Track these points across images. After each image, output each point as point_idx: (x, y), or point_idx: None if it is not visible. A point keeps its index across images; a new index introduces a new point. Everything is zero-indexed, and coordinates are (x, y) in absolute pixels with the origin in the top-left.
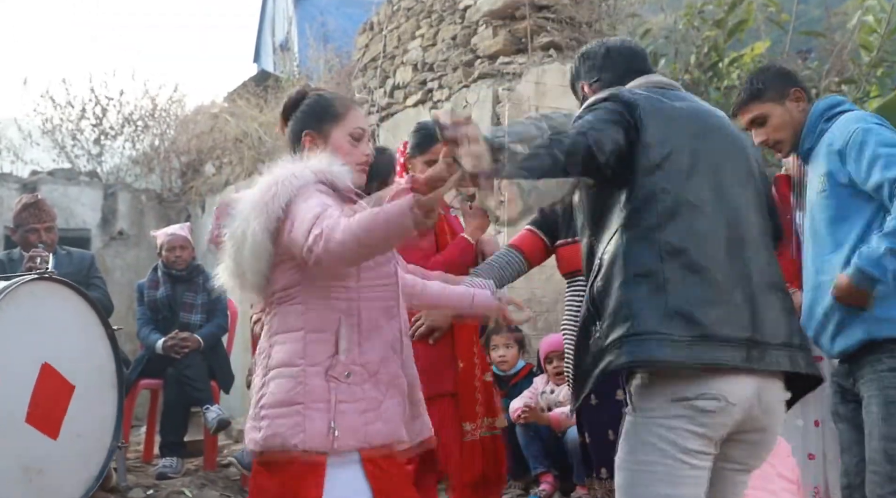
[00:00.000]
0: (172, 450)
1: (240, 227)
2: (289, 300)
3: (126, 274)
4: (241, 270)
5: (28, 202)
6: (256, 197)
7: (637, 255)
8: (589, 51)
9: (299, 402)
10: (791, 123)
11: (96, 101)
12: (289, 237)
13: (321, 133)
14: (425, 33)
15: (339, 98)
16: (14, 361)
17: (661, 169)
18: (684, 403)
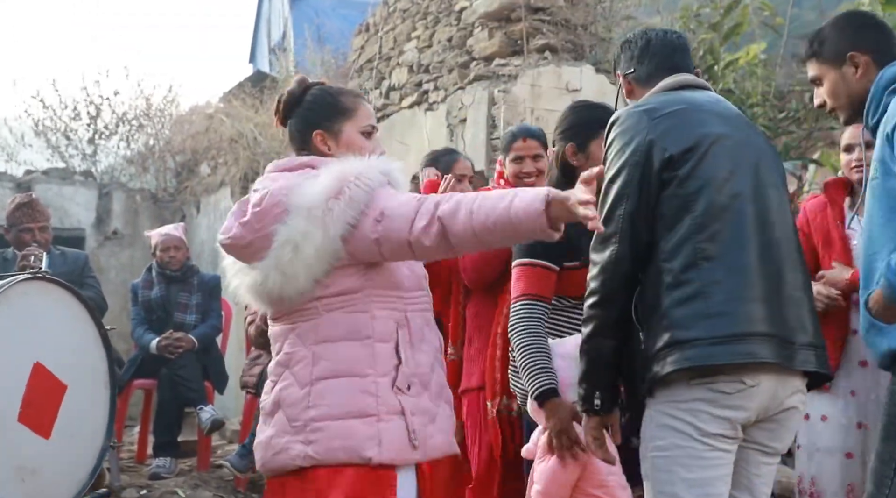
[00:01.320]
0: (166, 450)
1: (299, 230)
2: (347, 306)
3: (120, 274)
4: (291, 272)
5: (22, 201)
6: (319, 198)
7: (674, 262)
8: (631, 39)
9: (372, 413)
10: (846, 92)
11: (90, 100)
12: (379, 234)
13: (332, 131)
14: (421, 35)
15: (345, 92)
16: (6, 360)
17: (692, 178)
18: (704, 386)
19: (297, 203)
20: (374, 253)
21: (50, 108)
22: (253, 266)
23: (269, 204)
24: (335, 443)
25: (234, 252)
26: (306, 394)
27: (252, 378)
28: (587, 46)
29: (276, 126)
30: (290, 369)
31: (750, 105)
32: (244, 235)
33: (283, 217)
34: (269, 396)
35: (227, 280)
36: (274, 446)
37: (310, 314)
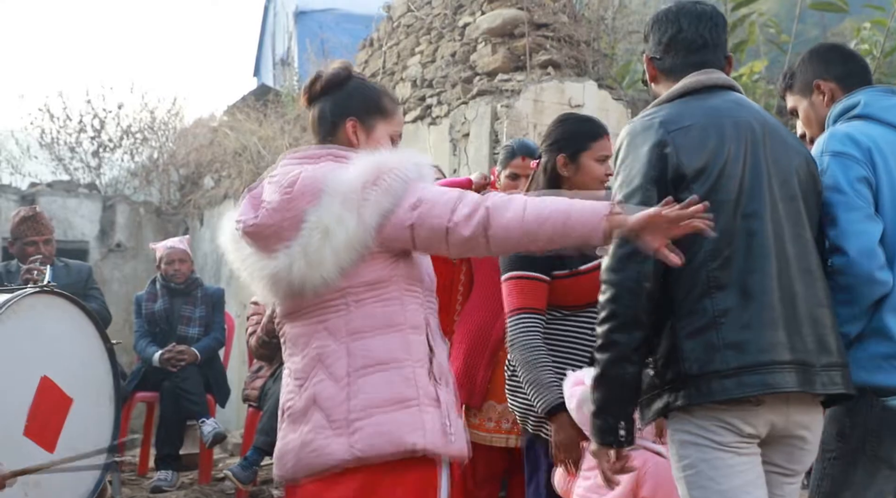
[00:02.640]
0: (168, 463)
1: (332, 214)
2: (378, 296)
3: (123, 286)
4: (318, 259)
5: (26, 215)
6: (355, 185)
7: (686, 290)
8: (662, 20)
9: (413, 401)
10: (816, 119)
11: (94, 113)
12: (415, 219)
13: (365, 124)
14: (424, 50)
15: (387, 94)
16: (14, 373)
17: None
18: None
19: (332, 188)
20: (406, 240)
21: (56, 121)
22: (274, 255)
23: (301, 188)
24: (379, 436)
25: (257, 239)
26: (344, 388)
27: (254, 391)
28: (590, 62)
29: (303, 105)
30: (322, 365)
31: None
32: (272, 220)
33: (315, 201)
34: (296, 397)
35: (235, 270)
36: (312, 446)
37: (338, 308)
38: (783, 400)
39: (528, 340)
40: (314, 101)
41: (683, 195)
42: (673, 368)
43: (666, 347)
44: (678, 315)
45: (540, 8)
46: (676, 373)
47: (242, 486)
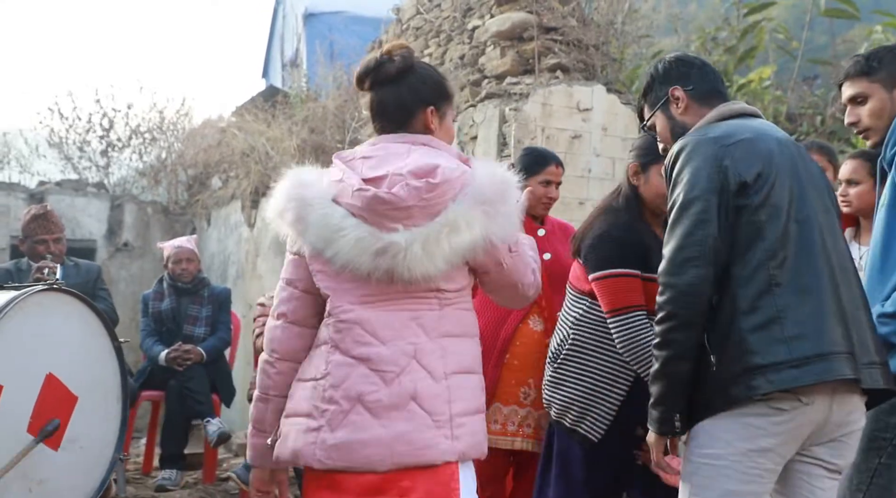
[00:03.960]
0: (172, 462)
1: (465, 216)
2: (460, 304)
3: (130, 285)
4: (433, 251)
5: (37, 213)
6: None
7: (748, 289)
8: (684, 58)
9: (483, 407)
10: (890, 114)
11: (104, 113)
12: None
13: (440, 110)
14: (433, 52)
15: (446, 78)
16: (20, 370)
17: (764, 206)
18: (763, 403)
19: (473, 190)
20: (487, 269)
21: (65, 120)
22: (390, 228)
23: (444, 178)
24: (472, 439)
25: (381, 207)
26: (445, 388)
27: None
28: (599, 66)
29: (360, 88)
30: (418, 361)
31: None
32: (408, 199)
33: (454, 197)
34: (385, 387)
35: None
36: (415, 442)
37: (431, 304)
38: (829, 394)
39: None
40: (381, 86)
41: (743, 201)
42: (739, 362)
43: (730, 344)
44: (741, 312)
45: (549, 12)
46: (743, 366)
47: (246, 487)
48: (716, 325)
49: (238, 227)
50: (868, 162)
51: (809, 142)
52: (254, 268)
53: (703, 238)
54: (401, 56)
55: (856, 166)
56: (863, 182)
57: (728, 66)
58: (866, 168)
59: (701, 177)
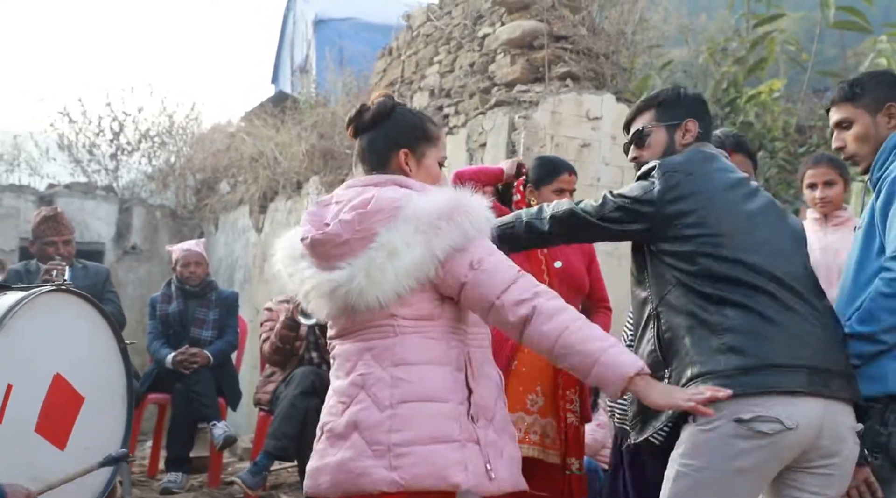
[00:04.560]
0: (178, 465)
1: (403, 237)
2: (423, 332)
3: (138, 288)
4: (379, 278)
5: (47, 215)
6: (431, 215)
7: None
8: (689, 94)
9: (456, 439)
10: (875, 138)
11: (114, 117)
12: (469, 279)
13: (416, 153)
14: (443, 60)
15: (430, 119)
16: (28, 370)
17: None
18: (743, 424)
19: (408, 212)
20: (454, 291)
21: (74, 124)
22: (335, 267)
23: (375, 207)
24: (422, 469)
25: (321, 249)
26: (388, 417)
27: (266, 395)
28: (608, 75)
29: (349, 137)
30: (366, 391)
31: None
32: (342, 233)
33: (388, 222)
34: (337, 417)
35: (283, 282)
36: (353, 470)
37: (385, 333)
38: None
39: None
40: (362, 132)
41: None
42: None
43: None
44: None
45: (560, 20)
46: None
47: (251, 492)
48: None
49: (246, 231)
50: (838, 165)
51: (820, 154)
52: (261, 272)
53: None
54: (377, 103)
55: (828, 169)
56: (837, 183)
57: (738, 77)
58: (837, 170)
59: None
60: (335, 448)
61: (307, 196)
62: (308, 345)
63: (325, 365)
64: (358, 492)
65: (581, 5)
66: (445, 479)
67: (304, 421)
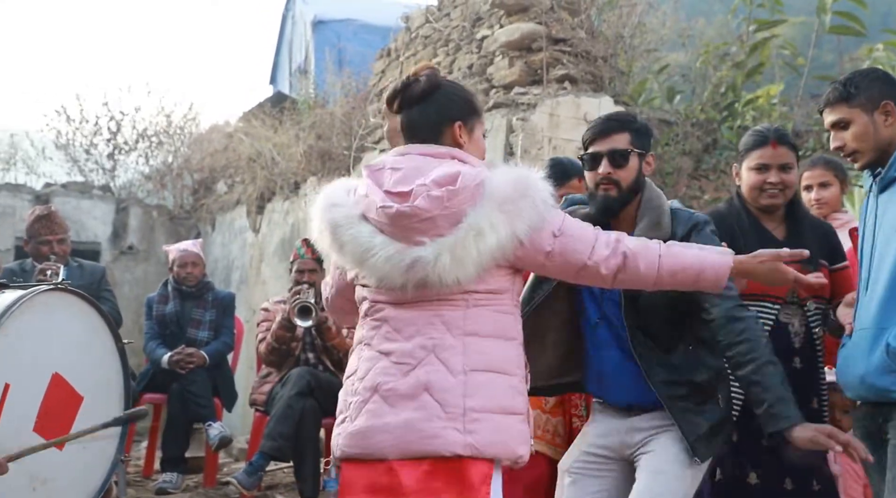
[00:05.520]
0: (173, 465)
1: (488, 218)
2: (494, 304)
3: (134, 289)
4: (463, 257)
5: (41, 214)
6: (511, 194)
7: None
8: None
9: (522, 412)
10: (873, 137)
11: (111, 116)
12: (554, 247)
13: (468, 125)
14: (442, 61)
15: (475, 93)
16: (26, 369)
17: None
18: None
19: (490, 192)
20: (537, 263)
21: (71, 123)
22: (419, 243)
23: (463, 184)
24: (496, 436)
25: (404, 221)
26: (461, 382)
27: (262, 396)
28: (606, 78)
29: (390, 110)
30: (436, 355)
31: None
32: (431, 209)
33: (474, 202)
34: (398, 378)
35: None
36: (422, 430)
37: (457, 304)
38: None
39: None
40: (409, 106)
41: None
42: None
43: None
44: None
45: (558, 23)
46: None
47: (247, 492)
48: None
49: (243, 232)
50: (834, 166)
51: (817, 157)
52: (258, 273)
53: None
54: (426, 76)
55: (824, 171)
56: (833, 184)
57: (736, 81)
58: (832, 172)
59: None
60: (398, 408)
61: (305, 197)
62: (304, 345)
63: (320, 365)
64: (428, 453)
65: (580, 8)
66: (513, 450)
67: (299, 422)
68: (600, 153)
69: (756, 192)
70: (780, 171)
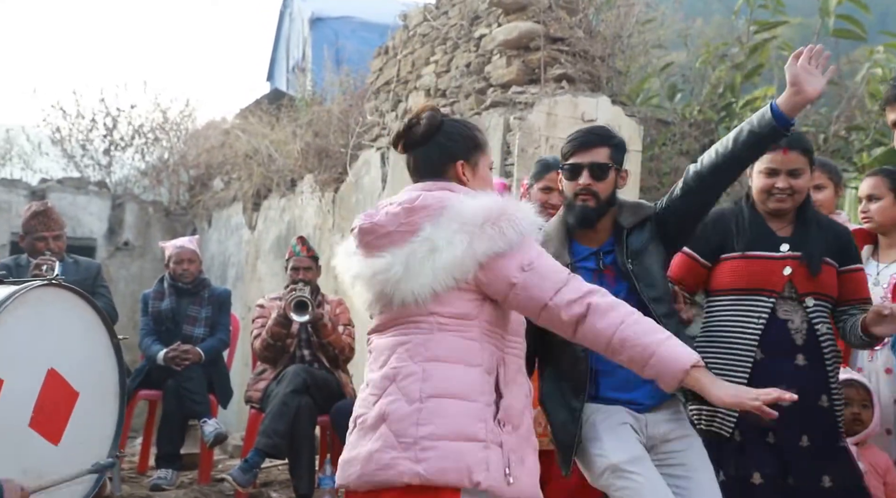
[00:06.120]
0: (168, 462)
1: (445, 234)
2: (461, 330)
3: (130, 285)
4: (417, 271)
5: (37, 210)
6: (477, 216)
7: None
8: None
9: (481, 439)
10: None
11: (107, 112)
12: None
13: (470, 162)
14: (439, 60)
15: (476, 127)
16: (22, 365)
17: None
18: None
19: (454, 212)
20: (501, 293)
21: (68, 118)
22: (378, 255)
23: (422, 203)
24: (446, 463)
25: (367, 238)
26: (416, 410)
27: (257, 393)
28: (604, 78)
29: (399, 151)
30: (396, 384)
31: None
32: (386, 224)
33: (434, 218)
34: (369, 409)
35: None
36: (378, 461)
37: (423, 329)
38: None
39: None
40: (413, 147)
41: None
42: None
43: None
44: None
45: (556, 22)
46: None
47: (242, 489)
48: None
49: (239, 229)
50: (888, 178)
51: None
52: (254, 270)
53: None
54: (427, 118)
55: (876, 182)
56: (884, 197)
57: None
58: (886, 183)
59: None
60: (365, 439)
61: (301, 194)
62: (300, 342)
63: (316, 363)
64: (383, 483)
65: (578, 8)
66: (468, 475)
67: (294, 419)
68: (581, 165)
69: (764, 196)
70: (788, 177)
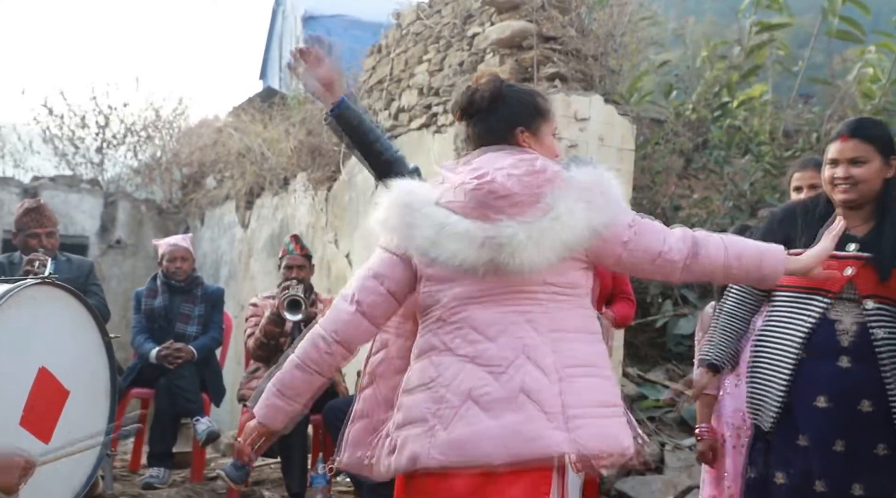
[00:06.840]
0: (160, 460)
1: (567, 203)
2: (575, 300)
3: (122, 283)
4: (538, 240)
5: (30, 207)
6: (590, 184)
7: None
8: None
9: (618, 404)
10: None
11: (99, 110)
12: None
13: (532, 129)
14: (432, 58)
15: (539, 94)
16: (13, 363)
17: None
18: None
19: (571, 179)
20: (614, 255)
21: (59, 117)
22: (496, 221)
23: (543, 166)
24: (597, 431)
25: (484, 199)
26: (556, 381)
27: (250, 391)
28: (597, 77)
29: (457, 121)
30: (526, 355)
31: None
32: (511, 188)
33: (552, 186)
34: (491, 384)
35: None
36: (526, 433)
37: (536, 299)
38: None
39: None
40: (473, 116)
41: None
42: None
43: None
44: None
45: (549, 21)
46: None
47: (235, 485)
48: None
49: (232, 227)
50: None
51: (807, 158)
52: (246, 268)
53: None
54: (490, 86)
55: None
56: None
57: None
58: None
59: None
60: (494, 412)
61: (294, 192)
62: (293, 341)
63: None
64: (533, 455)
65: (570, 7)
66: (619, 443)
67: None
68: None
69: (829, 187)
70: (849, 165)
